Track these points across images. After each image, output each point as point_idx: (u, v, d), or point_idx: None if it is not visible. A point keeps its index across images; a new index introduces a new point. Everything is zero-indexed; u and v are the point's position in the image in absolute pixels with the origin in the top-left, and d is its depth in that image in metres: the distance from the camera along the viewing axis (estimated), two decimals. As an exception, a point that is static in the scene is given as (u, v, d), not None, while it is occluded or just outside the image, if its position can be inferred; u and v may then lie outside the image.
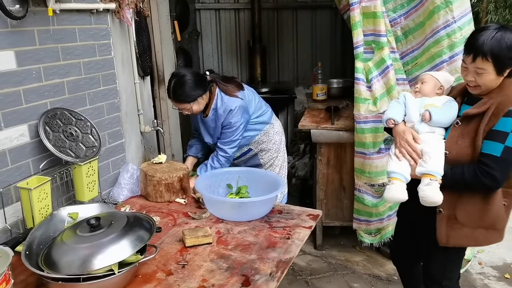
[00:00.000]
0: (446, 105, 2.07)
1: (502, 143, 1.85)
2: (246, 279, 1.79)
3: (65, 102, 2.21)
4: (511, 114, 1.86)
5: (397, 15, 3.11)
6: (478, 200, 1.99)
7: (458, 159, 1.97)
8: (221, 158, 2.84)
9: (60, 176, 2.11)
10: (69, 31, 2.21)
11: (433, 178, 1.96)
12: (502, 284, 3.34)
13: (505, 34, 1.84)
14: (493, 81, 1.91)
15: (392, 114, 2.16)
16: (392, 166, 2.12)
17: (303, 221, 2.28)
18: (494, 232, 2.04)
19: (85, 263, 1.61)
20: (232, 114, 2.76)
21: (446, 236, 2.05)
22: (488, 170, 1.87)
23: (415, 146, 2.05)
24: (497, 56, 1.84)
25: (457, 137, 1.99)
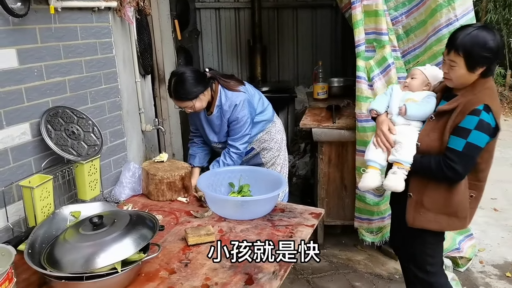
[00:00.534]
0: (424, 100, 2.21)
1: (464, 139, 1.97)
2: (249, 277, 1.79)
3: (66, 101, 2.20)
4: (475, 113, 1.97)
5: (399, 13, 3.10)
6: (442, 189, 2.13)
7: (428, 150, 2.11)
8: (233, 155, 2.82)
9: (62, 175, 2.11)
10: (70, 29, 2.20)
11: (400, 166, 2.14)
12: (503, 283, 3.33)
13: (481, 34, 1.95)
14: (464, 77, 2.02)
15: (375, 105, 2.33)
16: (369, 154, 2.30)
17: (306, 220, 2.28)
18: (456, 219, 2.18)
19: (88, 262, 1.60)
20: (237, 108, 2.74)
21: (413, 218, 2.22)
22: (451, 164, 2.00)
23: (389, 136, 2.22)
24: (468, 52, 1.95)
25: (429, 130, 2.13)
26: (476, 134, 1.95)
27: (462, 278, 3.37)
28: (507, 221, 4.32)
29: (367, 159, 2.30)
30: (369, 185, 2.27)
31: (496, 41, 1.95)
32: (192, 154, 3.02)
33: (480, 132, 1.95)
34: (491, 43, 1.94)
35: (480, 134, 1.96)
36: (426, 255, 2.32)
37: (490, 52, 1.95)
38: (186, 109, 2.72)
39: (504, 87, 9.34)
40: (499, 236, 4.04)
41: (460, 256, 3.46)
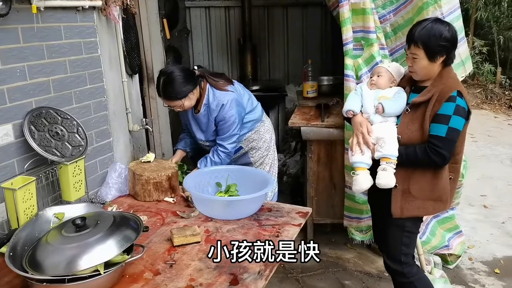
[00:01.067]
0: (396, 96, 2.28)
1: (446, 124, 2.09)
2: (234, 278, 1.78)
3: (50, 101, 2.18)
4: (452, 99, 2.11)
5: (386, 11, 3.10)
6: (429, 175, 2.23)
7: (410, 141, 2.20)
8: (221, 154, 2.81)
9: (45, 176, 2.08)
10: (54, 29, 2.18)
11: (388, 161, 2.19)
12: (492, 279, 3.35)
13: (436, 26, 2.11)
14: (427, 67, 2.16)
15: (351, 105, 2.37)
16: (353, 156, 2.32)
17: (293, 219, 2.27)
18: (440, 203, 2.29)
19: (71, 264, 1.58)
20: (225, 108, 2.73)
21: (401, 208, 2.27)
22: (437, 149, 2.10)
23: (368, 138, 2.27)
24: (426, 43, 2.10)
25: (408, 122, 2.22)
26: (455, 118, 2.09)
27: (451, 275, 3.38)
28: (496, 217, 4.34)
29: (353, 161, 2.33)
30: (362, 187, 2.28)
31: (450, 31, 2.12)
32: (180, 138, 3.10)
33: (458, 117, 2.10)
34: (446, 33, 2.10)
35: (458, 118, 2.10)
36: (401, 244, 2.39)
37: (446, 41, 2.10)
38: (175, 108, 2.72)
39: (495, 84, 9.39)
40: (488, 232, 4.06)
41: (449, 253, 3.48)
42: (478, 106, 8.89)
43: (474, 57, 9.07)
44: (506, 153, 6.25)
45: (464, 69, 2.96)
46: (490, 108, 8.75)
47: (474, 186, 5.11)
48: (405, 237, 2.39)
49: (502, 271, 3.44)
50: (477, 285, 3.28)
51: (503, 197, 4.82)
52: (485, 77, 9.16)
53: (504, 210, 4.48)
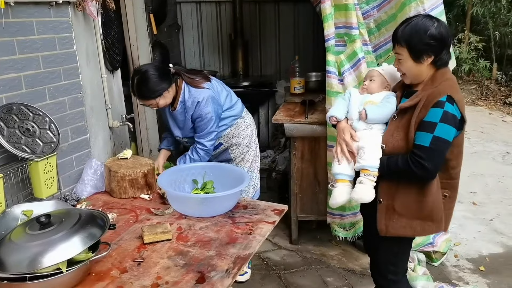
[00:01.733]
0: (384, 101, 2.11)
1: (431, 133, 1.88)
2: (201, 276, 1.77)
3: (22, 97, 2.16)
4: (439, 105, 1.89)
5: (370, 7, 3.07)
6: (414, 191, 2.01)
7: (394, 151, 2.00)
8: (200, 151, 2.80)
9: (14, 173, 2.06)
10: (25, 24, 2.16)
11: (367, 172, 2.01)
12: (476, 277, 3.34)
13: (422, 22, 1.92)
14: (413, 68, 1.98)
15: (334, 111, 2.23)
16: (335, 167, 2.17)
17: (267, 216, 2.26)
18: (431, 223, 2.06)
19: (33, 262, 1.58)
20: (200, 105, 2.72)
21: (385, 226, 2.08)
22: (419, 160, 1.90)
23: (351, 145, 2.11)
24: (409, 42, 1.92)
25: (393, 130, 2.03)
26: (442, 127, 1.88)
27: (436, 272, 3.37)
28: (485, 215, 4.33)
29: (334, 172, 2.17)
30: (337, 202, 2.13)
31: (438, 28, 1.91)
32: (163, 137, 3.09)
33: (446, 125, 1.88)
34: (433, 30, 1.90)
35: (447, 126, 1.88)
36: (389, 263, 2.26)
37: (432, 38, 1.90)
38: (150, 106, 2.71)
39: (490, 80, 9.35)
40: (475, 230, 4.04)
41: (434, 251, 3.46)
42: (473, 103, 8.85)
43: (470, 53, 9.02)
44: (498, 150, 6.22)
45: (447, 66, 2.93)
46: (485, 105, 8.71)
47: (464, 183, 5.05)
48: (394, 257, 2.25)
49: (487, 269, 3.43)
50: (460, 282, 3.26)
51: (493, 194, 4.79)
52: (481, 73, 9.11)
53: (493, 207, 4.46)
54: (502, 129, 7.29)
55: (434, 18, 1.96)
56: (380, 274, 2.33)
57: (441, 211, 2.06)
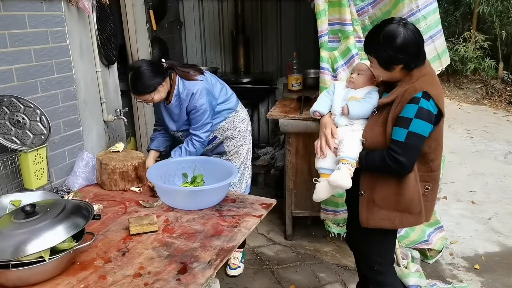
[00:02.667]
0: (366, 97, 2.16)
1: (406, 128, 1.94)
2: (183, 266, 1.79)
3: (14, 90, 2.19)
4: (414, 101, 1.94)
5: (365, 4, 3.07)
6: (392, 184, 2.06)
7: (374, 146, 2.06)
8: (196, 143, 2.82)
9: (5, 164, 2.10)
10: (17, 18, 2.19)
11: (345, 162, 2.07)
12: (470, 275, 3.33)
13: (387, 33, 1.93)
14: (385, 74, 2.04)
15: (317, 106, 2.26)
16: (318, 161, 2.23)
17: (255, 210, 2.27)
18: (409, 215, 2.11)
19: (17, 250, 1.61)
20: (195, 97, 2.74)
21: (366, 218, 2.14)
22: (394, 155, 1.96)
23: (331, 141, 2.17)
24: (376, 54, 1.98)
25: (373, 125, 2.08)
26: (417, 122, 1.92)
27: (430, 270, 3.37)
28: (483, 213, 4.31)
29: (317, 167, 2.23)
30: (321, 196, 2.20)
31: (402, 39, 1.92)
32: (151, 138, 3.10)
33: (420, 120, 1.92)
34: (398, 42, 1.92)
35: (421, 122, 1.93)
36: (374, 254, 2.29)
37: (398, 51, 1.92)
38: (145, 101, 2.74)
39: (496, 79, 9.28)
40: (473, 228, 4.03)
41: (429, 248, 3.46)
42: (478, 102, 8.80)
43: (475, 52, 8.97)
44: (500, 149, 6.19)
45: (441, 63, 2.93)
46: (490, 104, 8.66)
47: (464, 182, 5.08)
48: (379, 248, 2.29)
49: (482, 267, 3.42)
50: (454, 280, 3.26)
51: (492, 193, 4.77)
52: (486, 72, 9.04)
53: (492, 206, 4.44)
54: (506, 128, 7.24)
55: (402, 24, 1.96)
56: (366, 266, 2.35)
57: (420, 204, 2.10)
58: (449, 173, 5.01)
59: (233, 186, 3.05)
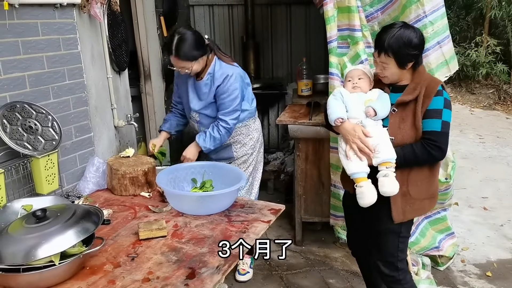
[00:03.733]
0: (380, 97, 2.23)
1: (439, 118, 2.11)
2: (192, 271, 1.80)
3: (26, 96, 2.23)
4: (440, 94, 2.15)
5: (374, 9, 3.07)
6: (425, 174, 2.23)
7: (403, 141, 2.17)
8: (222, 129, 2.80)
9: (17, 169, 2.13)
10: (30, 25, 2.22)
11: (388, 165, 2.12)
12: (482, 282, 3.30)
13: (405, 33, 2.10)
14: (397, 73, 2.18)
15: (338, 113, 2.25)
16: (351, 167, 2.21)
17: (263, 215, 2.28)
18: (433, 200, 2.33)
19: (28, 254, 1.63)
20: (229, 80, 2.74)
21: (403, 212, 2.23)
22: (436, 143, 2.11)
23: (367, 141, 2.16)
24: (396, 53, 2.10)
25: (398, 122, 2.19)
26: (446, 112, 2.13)
27: (441, 276, 3.34)
28: (495, 220, 4.27)
29: (352, 172, 2.20)
30: (370, 200, 2.16)
31: (418, 38, 2.12)
32: (165, 119, 3.11)
33: (447, 110, 2.14)
34: (416, 41, 2.11)
35: (448, 111, 2.14)
36: (397, 250, 2.33)
37: (416, 49, 2.12)
38: (182, 69, 2.71)
39: (509, 84, 9.19)
40: (485, 235, 3.99)
41: (440, 255, 3.43)
42: (490, 107, 8.73)
43: (487, 56, 8.90)
44: (513, 155, 6.13)
45: (448, 69, 2.91)
46: (503, 109, 8.58)
47: (476, 187, 5.03)
48: (401, 243, 2.34)
49: (494, 274, 3.38)
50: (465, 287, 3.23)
51: (505, 199, 4.73)
52: (498, 77, 8.96)
53: (504, 213, 4.40)
54: (519, 133, 7.17)
55: (411, 26, 2.17)
56: (390, 266, 2.35)
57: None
58: (461, 179, 4.97)
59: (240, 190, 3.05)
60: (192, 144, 2.89)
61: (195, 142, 2.87)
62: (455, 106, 8.90)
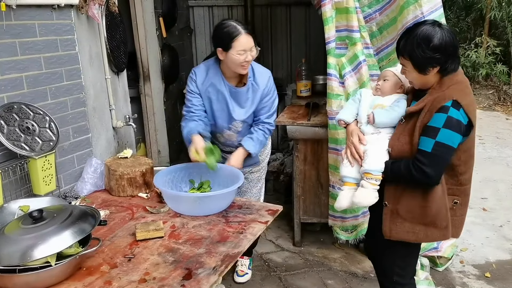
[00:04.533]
0: (394, 105, 2.09)
1: (433, 138, 1.86)
2: (188, 272, 1.80)
3: (24, 97, 2.23)
4: (444, 110, 1.86)
5: (372, 10, 3.07)
6: (418, 196, 1.99)
7: (400, 154, 1.99)
8: (267, 132, 2.69)
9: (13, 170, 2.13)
10: (28, 26, 2.23)
11: (369, 176, 2.02)
12: (481, 283, 3.29)
13: (424, 33, 1.87)
14: (420, 78, 1.96)
15: (343, 115, 2.22)
16: (343, 169, 2.18)
17: (261, 216, 2.28)
18: (434, 230, 2.02)
19: (24, 255, 1.63)
20: (270, 80, 2.64)
21: (389, 229, 2.07)
22: (421, 166, 1.89)
23: (359, 147, 2.10)
24: (411, 55, 1.90)
25: (399, 134, 2.01)
26: (445, 132, 1.84)
27: (440, 277, 3.33)
28: (494, 220, 4.26)
29: (342, 175, 2.18)
30: (341, 205, 2.14)
31: (440, 39, 1.85)
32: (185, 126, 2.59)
33: (449, 130, 1.84)
34: (435, 41, 1.85)
35: (450, 132, 1.84)
36: (395, 266, 2.23)
37: (436, 51, 1.86)
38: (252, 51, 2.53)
39: (509, 85, 9.18)
40: (484, 236, 3.98)
41: (439, 256, 3.42)
42: (490, 108, 8.71)
43: (487, 57, 8.89)
44: (513, 156, 6.12)
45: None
46: (503, 110, 8.56)
47: (476, 188, 4.99)
48: (400, 260, 2.22)
49: (493, 275, 3.37)
50: (464, 288, 3.23)
51: (504, 200, 4.71)
52: (498, 78, 8.95)
53: (503, 214, 4.39)
54: (519, 134, 7.16)
55: (437, 24, 1.91)
56: (386, 277, 2.30)
57: (447, 219, 2.02)
58: (460, 179, 4.95)
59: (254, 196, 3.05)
60: (238, 152, 2.65)
61: (242, 150, 2.63)
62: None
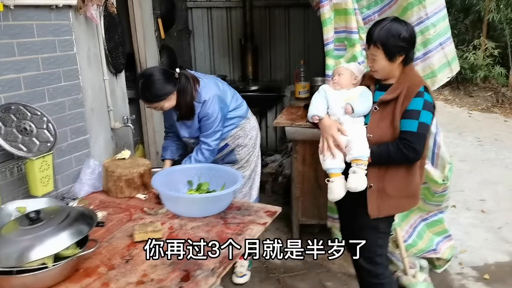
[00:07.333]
0: (362, 95, 2.28)
1: (416, 119, 2.13)
2: (186, 274, 1.79)
3: (21, 98, 2.22)
4: (420, 95, 2.15)
5: (371, 11, 3.07)
6: (402, 173, 2.24)
7: (381, 139, 2.20)
8: (205, 152, 2.80)
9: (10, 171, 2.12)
10: (26, 27, 2.22)
11: (359, 162, 2.17)
12: (480, 285, 3.29)
13: (394, 26, 2.14)
14: (387, 67, 2.19)
15: (315, 110, 2.34)
16: (326, 162, 2.29)
17: (259, 218, 2.27)
18: (413, 199, 2.35)
19: (21, 256, 1.62)
20: (207, 104, 2.73)
21: (378, 208, 2.26)
22: (410, 144, 2.13)
23: (340, 140, 2.24)
24: (385, 44, 2.13)
25: (378, 120, 2.23)
26: (425, 113, 2.14)
27: (438, 279, 3.33)
28: (492, 222, 4.26)
29: (326, 167, 2.31)
30: (337, 196, 2.27)
31: (408, 31, 2.15)
32: (164, 147, 3.07)
33: (427, 111, 2.14)
34: (405, 33, 2.13)
35: (427, 113, 2.15)
36: (376, 245, 2.38)
37: (404, 41, 2.13)
38: (155, 109, 2.73)
39: (507, 87, 9.19)
40: (482, 237, 3.98)
41: (438, 257, 3.42)
42: (489, 110, 8.72)
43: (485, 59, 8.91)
44: (511, 158, 6.12)
45: (451, 70, 2.91)
46: (501, 112, 8.57)
47: (474, 190, 5.02)
48: (380, 238, 2.40)
49: (491, 277, 3.37)
50: (463, 290, 3.22)
51: (503, 202, 4.71)
52: (497, 80, 8.97)
53: (502, 215, 4.39)
54: (517, 136, 7.17)
55: (402, 21, 2.20)
56: (367, 260, 2.39)
57: (419, 188, 2.36)
58: (459, 181, 4.97)
59: (245, 195, 3.06)
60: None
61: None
62: (454, 108, 8.91)
